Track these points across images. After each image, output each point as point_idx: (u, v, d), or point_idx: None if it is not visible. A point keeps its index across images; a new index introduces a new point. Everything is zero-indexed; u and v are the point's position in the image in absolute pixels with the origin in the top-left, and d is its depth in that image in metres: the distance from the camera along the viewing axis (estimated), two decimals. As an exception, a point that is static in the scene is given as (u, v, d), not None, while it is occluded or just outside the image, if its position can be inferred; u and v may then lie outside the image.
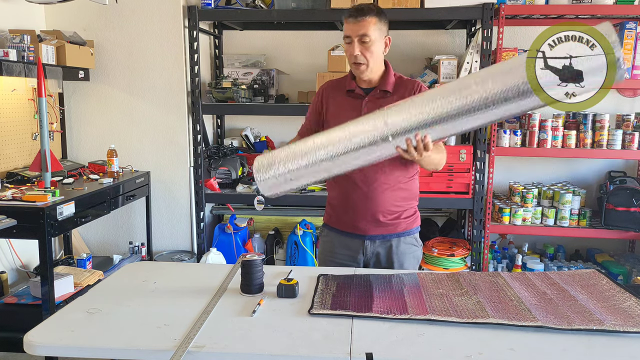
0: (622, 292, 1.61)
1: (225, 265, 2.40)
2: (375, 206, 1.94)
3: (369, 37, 1.84)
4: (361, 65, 1.89)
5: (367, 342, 1.33)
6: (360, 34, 1.84)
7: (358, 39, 1.85)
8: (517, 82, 1.50)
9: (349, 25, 1.86)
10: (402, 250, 2.01)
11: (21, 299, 2.74)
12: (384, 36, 1.90)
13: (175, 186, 3.55)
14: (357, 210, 1.98)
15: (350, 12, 1.87)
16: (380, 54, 1.91)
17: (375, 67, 1.92)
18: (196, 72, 3.40)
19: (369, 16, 1.84)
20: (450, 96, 1.52)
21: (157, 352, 1.30)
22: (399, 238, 2.00)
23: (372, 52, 1.87)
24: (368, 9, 1.86)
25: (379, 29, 1.86)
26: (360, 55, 1.87)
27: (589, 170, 3.74)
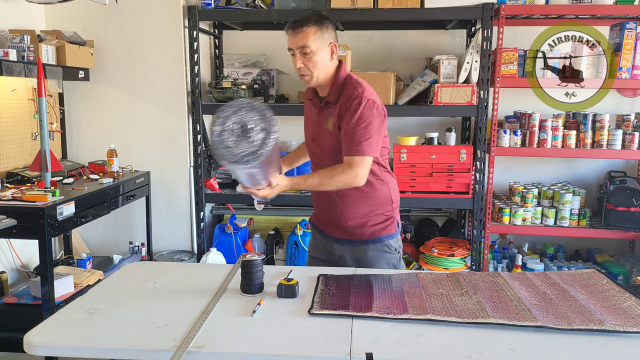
0: (622, 292, 1.61)
1: (225, 265, 2.40)
2: (339, 213, 1.97)
3: (309, 48, 1.81)
4: (305, 77, 1.88)
5: (367, 342, 1.33)
6: (300, 46, 1.82)
7: (299, 51, 1.83)
8: None
9: (289, 38, 1.85)
10: (371, 256, 1.98)
11: (21, 299, 2.74)
12: (328, 43, 1.86)
13: (175, 186, 3.55)
14: (324, 214, 2.05)
15: (289, 24, 1.85)
16: (325, 62, 1.86)
17: (322, 75, 1.88)
18: (196, 72, 3.40)
19: (307, 27, 1.81)
20: None
21: (157, 352, 1.30)
22: (367, 245, 1.98)
23: (315, 62, 1.84)
24: (306, 19, 1.82)
25: (320, 37, 1.83)
26: (303, 67, 1.85)
27: (589, 170, 3.74)
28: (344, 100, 1.85)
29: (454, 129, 3.38)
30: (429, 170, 3.30)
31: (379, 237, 1.98)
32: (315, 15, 1.84)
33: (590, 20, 3.34)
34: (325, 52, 1.86)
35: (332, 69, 1.90)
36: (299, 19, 1.82)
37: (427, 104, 3.28)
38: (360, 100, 1.81)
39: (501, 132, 3.32)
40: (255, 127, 1.19)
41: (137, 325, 1.43)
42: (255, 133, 1.18)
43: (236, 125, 1.20)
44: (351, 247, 1.99)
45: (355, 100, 1.82)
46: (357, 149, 1.80)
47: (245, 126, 1.19)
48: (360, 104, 1.81)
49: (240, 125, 1.20)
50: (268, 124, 1.18)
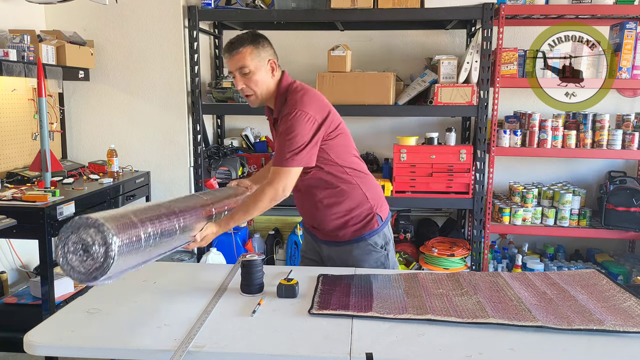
0: (622, 292, 1.61)
1: (225, 265, 2.41)
2: (319, 219, 2.01)
3: (247, 69, 1.82)
4: (250, 97, 1.89)
5: (367, 342, 1.33)
6: (238, 67, 1.82)
7: (239, 72, 1.84)
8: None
9: (227, 61, 1.86)
10: (357, 255, 1.99)
11: (21, 299, 2.75)
12: (267, 61, 1.85)
13: (175, 186, 3.55)
14: (308, 219, 2.09)
15: (225, 47, 1.86)
16: (266, 80, 1.87)
17: (264, 93, 1.88)
18: (196, 72, 3.39)
19: (243, 47, 1.81)
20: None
21: (157, 352, 1.30)
22: (351, 245, 1.99)
23: (256, 81, 1.85)
24: (240, 40, 1.82)
25: (257, 56, 1.83)
26: (245, 88, 1.86)
27: (589, 170, 3.74)
28: (281, 114, 1.87)
29: (454, 129, 3.38)
30: (429, 170, 3.30)
31: (361, 236, 1.98)
32: (250, 35, 1.85)
33: (590, 20, 3.34)
34: (265, 70, 1.86)
35: (274, 86, 1.90)
36: (234, 41, 1.83)
37: (427, 104, 3.28)
38: (291, 111, 1.80)
39: (501, 132, 3.32)
40: (94, 243, 1.19)
41: (137, 325, 1.43)
42: (95, 248, 1.18)
43: (77, 245, 1.21)
44: (336, 248, 2.01)
45: (291, 112, 1.80)
46: (283, 161, 1.80)
47: (85, 244, 1.19)
48: (290, 115, 1.80)
49: (81, 244, 1.20)
50: (105, 236, 1.17)
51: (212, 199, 1.84)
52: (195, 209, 1.68)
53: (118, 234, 1.23)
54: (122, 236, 1.24)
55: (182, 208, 1.60)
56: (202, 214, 1.71)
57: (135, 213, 1.36)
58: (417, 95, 3.36)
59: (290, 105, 1.82)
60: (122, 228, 1.25)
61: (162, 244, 1.44)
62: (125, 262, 1.27)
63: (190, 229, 1.65)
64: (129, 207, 1.39)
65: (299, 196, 2.05)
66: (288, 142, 1.79)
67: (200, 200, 1.77)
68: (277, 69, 1.89)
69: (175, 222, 1.51)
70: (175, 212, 1.53)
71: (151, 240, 1.36)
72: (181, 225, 1.54)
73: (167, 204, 1.57)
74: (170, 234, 1.47)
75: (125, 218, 1.30)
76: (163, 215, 1.47)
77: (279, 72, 1.90)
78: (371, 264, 1.99)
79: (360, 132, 3.81)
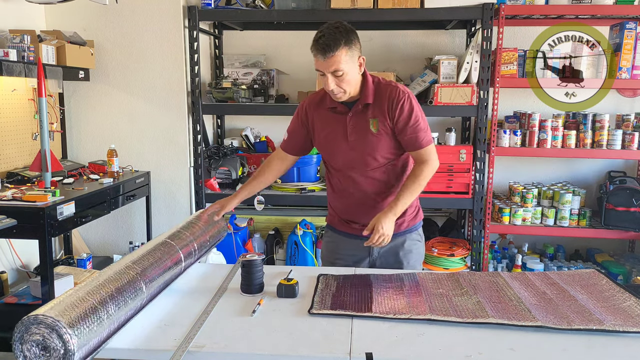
0: (622, 292, 1.62)
1: (225, 265, 2.41)
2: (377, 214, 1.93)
3: (342, 71, 1.78)
4: (338, 95, 1.86)
5: (367, 342, 1.33)
6: (332, 70, 1.78)
7: (331, 74, 1.79)
8: None
9: (319, 62, 1.79)
10: (408, 247, 2.02)
11: (21, 299, 2.75)
12: (357, 58, 1.83)
13: (175, 186, 3.55)
14: (360, 218, 1.99)
15: (318, 49, 1.77)
16: (357, 77, 1.85)
17: (355, 88, 1.87)
18: (196, 72, 3.40)
19: (338, 50, 1.75)
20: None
21: (157, 352, 1.30)
22: (405, 236, 2.01)
23: (349, 81, 1.82)
24: (335, 42, 1.75)
25: (350, 57, 1.79)
26: (336, 88, 1.83)
27: (589, 170, 3.74)
28: (389, 101, 1.87)
29: (453, 129, 3.38)
30: (429, 170, 3.30)
31: (414, 226, 2.04)
32: (343, 34, 1.76)
33: (590, 20, 3.34)
34: (356, 69, 1.84)
35: (360, 79, 1.89)
36: (329, 43, 1.74)
37: (427, 104, 3.28)
38: (405, 97, 1.87)
39: (501, 132, 3.33)
40: (48, 338, 1.14)
41: (137, 325, 1.43)
42: (52, 342, 1.15)
43: (33, 346, 1.17)
44: (391, 243, 1.94)
45: (402, 99, 1.86)
46: (424, 141, 1.90)
47: (39, 343, 1.16)
48: (408, 101, 1.87)
49: (36, 345, 1.17)
50: (57, 328, 1.13)
51: (179, 243, 1.72)
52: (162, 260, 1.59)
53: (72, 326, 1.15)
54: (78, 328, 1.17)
55: (148, 265, 1.50)
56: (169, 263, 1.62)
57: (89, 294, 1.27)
58: (417, 95, 3.36)
59: (401, 92, 1.87)
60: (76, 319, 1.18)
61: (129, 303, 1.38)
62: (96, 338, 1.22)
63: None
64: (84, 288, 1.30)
65: (356, 194, 1.97)
66: (418, 125, 1.88)
67: (172, 248, 1.67)
68: (364, 63, 1.87)
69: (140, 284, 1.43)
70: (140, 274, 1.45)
71: (112, 310, 1.29)
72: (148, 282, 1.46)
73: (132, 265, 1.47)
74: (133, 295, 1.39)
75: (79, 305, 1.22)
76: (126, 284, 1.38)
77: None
78: (416, 255, 2.04)
79: (360, 132, 3.80)
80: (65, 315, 1.17)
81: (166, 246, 1.65)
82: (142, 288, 1.42)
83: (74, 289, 1.30)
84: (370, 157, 1.91)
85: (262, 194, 3.34)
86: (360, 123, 1.91)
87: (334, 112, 1.95)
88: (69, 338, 1.14)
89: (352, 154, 1.93)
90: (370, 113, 1.89)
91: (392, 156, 1.94)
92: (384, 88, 1.90)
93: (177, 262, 1.64)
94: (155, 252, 1.59)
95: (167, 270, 1.57)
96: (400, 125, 1.88)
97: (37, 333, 1.16)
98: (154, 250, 1.59)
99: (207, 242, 1.91)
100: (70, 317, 1.17)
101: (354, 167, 1.95)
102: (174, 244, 1.68)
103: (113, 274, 1.39)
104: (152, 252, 1.58)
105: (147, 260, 1.51)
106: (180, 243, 1.71)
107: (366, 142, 1.91)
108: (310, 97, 2.06)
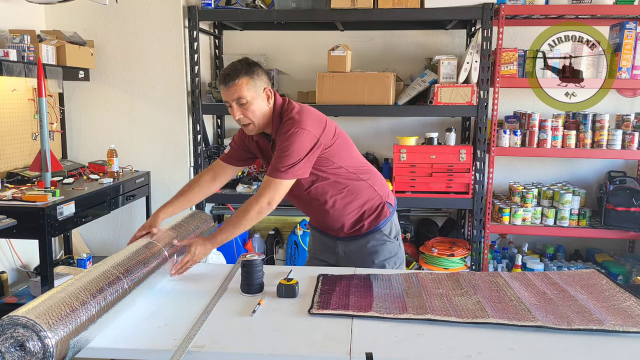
0: (622, 292, 1.62)
1: (225, 265, 2.41)
2: (334, 221, 2.02)
3: (244, 99, 1.81)
4: (248, 126, 1.88)
5: (367, 342, 1.33)
6: (235, 98, 1.82)
7: (235, 103, 1.83)
8: None
9: (223, 92, 1.84)
10: (372, 248, 2.04)
11: (21, 299, 2.75)
12: (263, 89, 1.85)
13: (176, 186, 3.53)
14: (320, 222, 2.09)
15: (220, 79, 1.84)
16: (263, 109, 1.86)
17: (262, 121, 1.88)
18: (196, 72, 3.40)
19: (239, 79, 1.80)
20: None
21: (157, 352, 1.30)
22: (367, 236, 2.04)
23: (253, 111, 1.84)
24: (235, 71, 1.81)
25: (252, 86, 1.82)
26: (243, 118, 1.85)
27: (589, 170, 3.74)
28: (279, 132, 1.87)
29: (453, 129, 3.38)
30: (429, 170, 3.30)
31: (377, 226, 2.04)
32: (244, 65, 1.83)
33: (590, 20, 3.34)
34: (261, 99, 1.86)
35: (269, 112, 1.90)
36: (229, 72, 1.82)
37: (427, 104, 3.29)
38: (289, 129, 1.82)
39: (501, 132, 3.33)
40: (29, 340, 1.14)
41: (137, 325, 1.43)
42: (32, 345, 1.15)
43: (12, 348, 1.17)
44: (354, 243, 2.04)
45: (290, 131, 1.82)
46: (277, 173, 1.81)
47: (20, 343, 1.15)
48: (288, 133, 1.81)
49: (16, 344, 1.15)
50: (36, 331, 1.13)
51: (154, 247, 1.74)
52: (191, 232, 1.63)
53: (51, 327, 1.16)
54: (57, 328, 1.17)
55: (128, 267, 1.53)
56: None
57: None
58: (417, 95, 3.36)
59: (288, 124, 1.84)
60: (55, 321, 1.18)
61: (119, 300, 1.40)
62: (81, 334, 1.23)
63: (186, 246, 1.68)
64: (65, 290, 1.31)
65: (303, 205, 2.07)
66: (285, 157, 1.80)
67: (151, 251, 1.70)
68: (272, 96, 1.89)
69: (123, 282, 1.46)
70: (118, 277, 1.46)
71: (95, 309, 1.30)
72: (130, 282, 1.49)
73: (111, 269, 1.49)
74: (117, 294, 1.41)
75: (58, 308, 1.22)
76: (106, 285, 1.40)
77: (273, 97, 1.90)
78: (385, 254, 2.04)
79: (360, 132, 3.81)
80: (32, 310, 1.18)
81: (150, 247, 1.73)
82: (118, 276, 1.45)
83: (55, 290, 1.31)
84: (297, 182, 1.91)
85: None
86: (268, 154, 1.97)
87: (260, 141, 2.00)
88: (49, 340, 1.14)
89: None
90: (274, 145, 1.92)
91: (317, 175, 1.93)
92: (285, 123, 1.87)
93: (162, 261, 1.69)
94: (143, 251, 1.67)
95: (146, 260, 1.62)
96: (275, 150, 1.87)
97: (14, 335, 1.16)
98: (141, 249, 1.68)
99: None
100: (37, 311, 1.18)
101: (292, 189, 1.93)
102: (159, 244, 1.76)
103: (95, 276, 1.42)
104: (140, 251, 1.66)
105: (132, 262, 1.57)
106: (165, 244, 1.79)
107: (271, 165, 1.90)
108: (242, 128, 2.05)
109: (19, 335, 1.15)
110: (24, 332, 1.15)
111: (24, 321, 1.15)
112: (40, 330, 1.14)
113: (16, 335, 1.15)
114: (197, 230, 2.04)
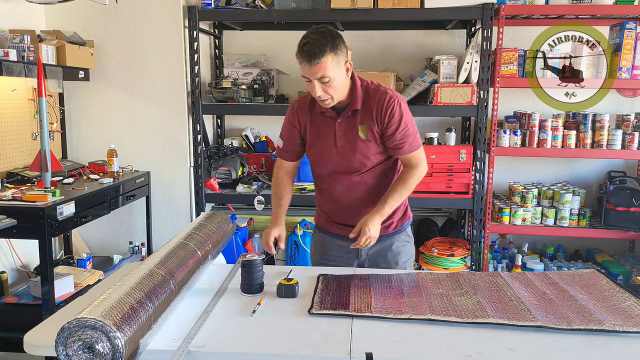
0: (622, 292, 1.62)
1: (225, 265, 2.40)
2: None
3: (328, 77, 1.74)
4: (326, 101, 1.83)
5: (367, 342, 1.33)
6: (318, 77, 1.75)
7: (318, 81, 1.76)
8: None
9: (305, 69, 1.76)
10: (396, 249, 2.02)
11: (21, 299, 2.74)
12: (344, 63, 1.79)
13: (175, 186, 3.55)
14: (348, 221, 1.98)
15: (303, 56, 1.74)
16: (344, 83, 1.82)
17: (341, 95, 1.84)
18: (196, 72, 3.40)
19: (324, 57, 1.71)
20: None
21: (157, 352, 1.29)
22: (393, 237, 2.02)
23: (335, 87, 1.78)
24: (320, 49, 1.71)
25: (336, 62, 1.75)
26: (323, 94, 1.80)
27: (589, 170, 3.74)
28: (377, 107, 1.85)
29: (453, 129, 3.38)
30: (429, 170, 3.29)
31: (402, 227, 2.04)
32: (329, 40, 1.73)
33: (590, 20, 3.34)
34: (343, 75, 1.80)
35: (348, 84, 1.86)
36: (314, 50, 1.71)
37: (427, 104, 3.28)
38: (395, 102, 1.85)
39: (501, 132, 3.33)
40: (97, 342, 1.11)
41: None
42: (100, 347, 1.13)
43: (79, 351, 1.15)
44: (378, 244, 1.95)
45: (391, 104, 1.84)
46: (413, 146, 1.89)
47: (88, 345, 1.13)
48: (397, 107, 1.85)
49: (83, 347, 1.12)
50: (105, 332, 1.11)
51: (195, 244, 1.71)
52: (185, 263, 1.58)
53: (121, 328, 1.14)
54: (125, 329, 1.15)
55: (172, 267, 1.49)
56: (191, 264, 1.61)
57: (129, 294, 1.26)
58: (417, 95, 3.36)
59: (390, 97, 1.85)
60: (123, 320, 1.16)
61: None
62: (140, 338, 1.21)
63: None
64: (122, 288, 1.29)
65: (342, 190, 1.96)
66: (407, 130, 1.87)
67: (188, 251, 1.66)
68: (351, 68, 1.83)
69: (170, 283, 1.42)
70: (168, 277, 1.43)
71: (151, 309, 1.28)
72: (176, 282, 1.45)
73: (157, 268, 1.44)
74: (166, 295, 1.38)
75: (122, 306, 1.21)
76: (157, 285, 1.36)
77: (351, 69, 1.84)
78: (407, 255, 2.04)
79: (360, 132, 3.80)
80: (109, 316, 1.15)
81: (184, 247, 1.64)
82: (172, 288, 1.40)
83: (107, 292, 1.28)
84: (358, 162, 1.91)
85: (262, 194, 3.34)
86: (349, 129, 1.90)
87: (323, 117, 1.94)
88: (118, 341, 1.12)
89: (340, 159, 1.92)
90: (359, 119, 1.88)
91: (381, 161, 1.93)
92: (372, 93, 1.87)
93: (197, 262, 1.64)
94: (178, 252, 1.58)
95: (191, 270, 1.56)
96: (389, 132, 1.86)
97: (82, 337, 1.14)
98: (176, 250, 1.58)
99: (218, 242, 1.89)
100: (115, 319, 1.15)
101: (342, 172, 1.93)
102: (191, 244, 1.67)
103: (142, 276, 1.37)
104: (175, 252, 1.57)
105: (172, 262, 1.50)
106: (196, 244, 1.70)
107: (355, 148, 1.89)
108: (299, 100, 2.02)
109: (87, 337, 1.13)
110: (93, 334, 1.12)
111: (92, 322, 1.12)
112: (109, 332, 1.12)
113: (84, 337, 1.13)
114: (220, 231, 1.97)
